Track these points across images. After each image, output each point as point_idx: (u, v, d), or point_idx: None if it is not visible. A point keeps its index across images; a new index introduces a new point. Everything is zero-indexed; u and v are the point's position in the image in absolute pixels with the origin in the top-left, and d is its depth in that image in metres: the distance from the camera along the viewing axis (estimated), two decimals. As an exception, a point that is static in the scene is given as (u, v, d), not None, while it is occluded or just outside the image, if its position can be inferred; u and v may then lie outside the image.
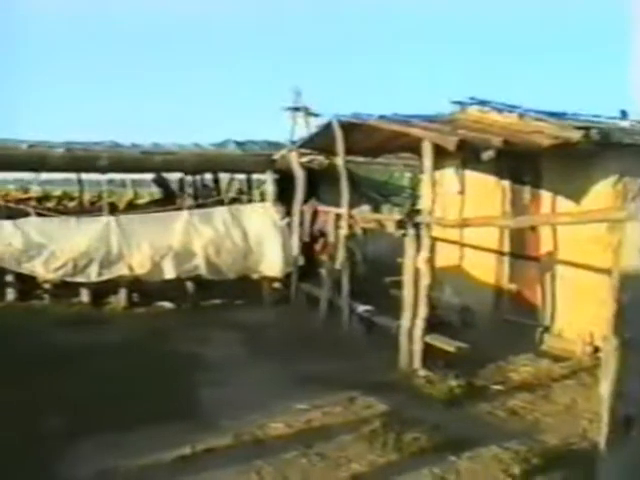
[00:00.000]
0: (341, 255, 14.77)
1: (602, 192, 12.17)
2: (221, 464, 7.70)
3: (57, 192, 35.05)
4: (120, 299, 16.45)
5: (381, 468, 7.66)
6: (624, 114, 14.70)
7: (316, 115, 18.29)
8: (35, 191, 32.58)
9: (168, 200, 22.99)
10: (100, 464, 7.56)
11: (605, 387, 7.13)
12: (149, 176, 25.98)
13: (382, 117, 13.59)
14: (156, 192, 30.18)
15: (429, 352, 11.35)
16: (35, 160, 18.07)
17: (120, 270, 16.14)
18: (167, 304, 16.47)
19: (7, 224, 16.39)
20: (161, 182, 26.33)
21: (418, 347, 11.40)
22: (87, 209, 24.61)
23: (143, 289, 16.69)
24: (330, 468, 7.65)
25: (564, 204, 12.69)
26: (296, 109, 18.21)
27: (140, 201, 30.76)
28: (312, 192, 17.84)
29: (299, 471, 7.54)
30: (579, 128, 11.89)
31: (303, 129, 18.29)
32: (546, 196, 13.29)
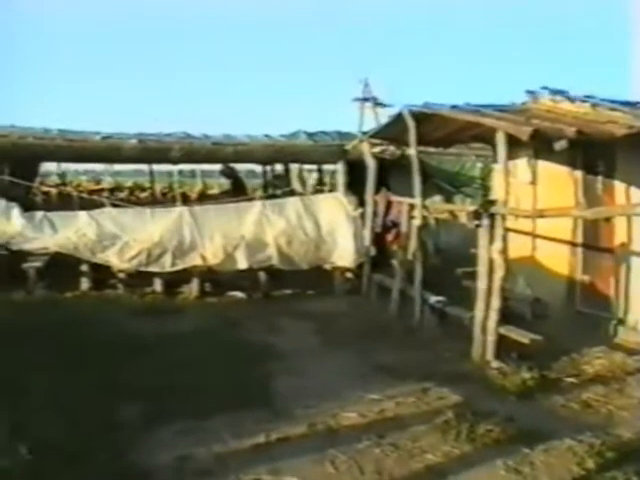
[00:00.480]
0: (413, 246, 14.76)
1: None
2: (295, 453, 7.75)
3: (128, 183, 35.41)
4: (193, 289, 16.56)
5: (455, 459, 7.65)
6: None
7: (385, 105, 18.23)
8: (107, 182, 32.99)
9: (238, 191, 23.07)
10: (177, 451, 7.65)
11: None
12: (218, 167, 26.11)
13: (454, 107, 13.53)
14: (225, 183, 30.33)
15: (502, 344, 11.30)
16: (109, 151, 18.38)
17: (193, 260, 16.31)
18: (239, 294, 16.58)
19: (82, 215, 16.66)
20: (230, 173, 26.45)
21: (491, 338, 11.36)
22: (159, 200, 24.89)
23: (215, 279, 16.81)
24: (403, 458, 7.66)
25: (638, 195, 12.57)
26: (365, 99, 18.17)
27: (211, 192, 30.97)
28: (383, 182, 17.83)
29: (373, 461, 7.56)
30: (654, 118, 11.76)
31: (372, 119, 18.23)
32: (620, 187, 13.16)
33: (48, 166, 27.91)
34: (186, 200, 22.51)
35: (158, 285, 16.62)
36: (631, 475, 7.18)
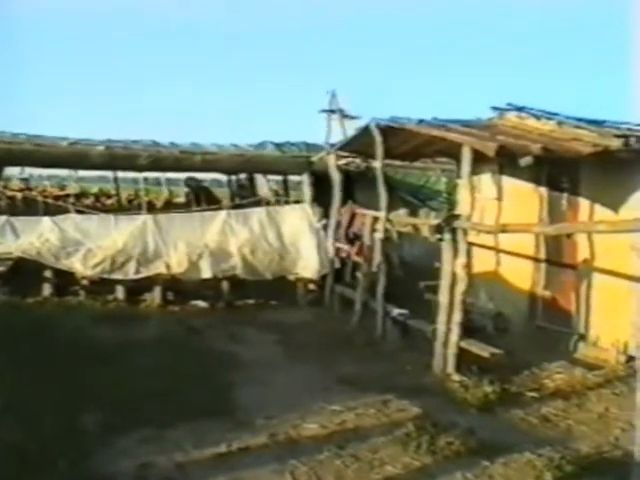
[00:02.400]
0: (377, 258, 14.80)
1: (641, 201, 12.15)
2: (256, 463, 7.75)
3: (94, 189, 35.30)
4: (155, 297, 16.52)
5: (414, 471, 7.68)
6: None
7: (352, 117, 18.29)
8: (73, 188, 32.88)
9: (207, 200, 23.08)
10: (139, 459, 7.63)
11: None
12: (184, 175, 26.11)
13: (421, 121, 13.61)
14: (190, 191, 30.36)
15: (463, 357, 11.38)
16: (76, 157, 18.34)
17: (157, 268, 16.27)
18: (201, 303, 16.54)
19: (46, 220, 16.64)
20: (192, 184, 26.52)
21: (452, 352, 11.42)
22: (125, 207, 24.85)
23: (178, 287, 16.77)
24: (364, 470, 7.68)
25: (602, 212, 12.68)
26: (332, 111, 18.20)
27: (177, 200, 30.94)
28: (348, 195, 17.88)
29: (333, 472, 7.57)
30: (619, 136, 11.87)
31: (339, 131, 18.29)
32: (584, 204, 13.28)
33: (11, 170, 27.79)
34: (152, 208, 22.46)
35: (120, 293, 16.54)
36: (589, 488, 7.26)
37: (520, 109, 14.46)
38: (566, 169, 13.34)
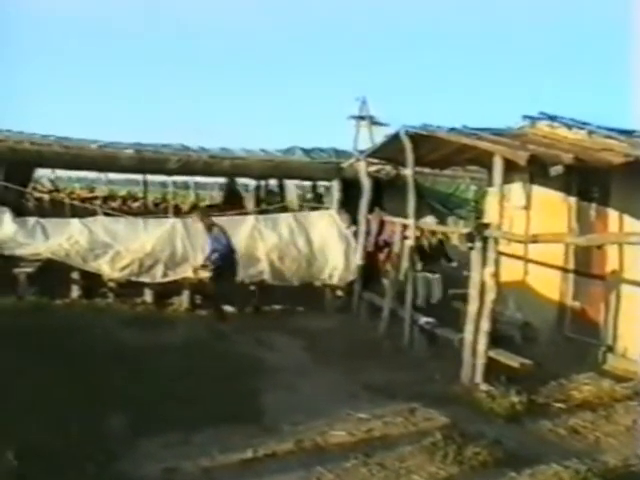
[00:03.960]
0: (406, 266, 14.77)
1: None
2: (282, 469, 7.77)
3: (122, 192, 35.40)
4: (183, 300, 16.54)
5: (441, 481, 7.66)
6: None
7: (381, 124, 18.29)
8: (101, 190, 32.99)
9: (235, 204, 23.07)
10: (164, 463, 7.65)
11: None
12: (211, 179, 26.13)
13: (452, 130, 13.58)
14: (218, 195, 30.40)
15: (491, 367, 11.33)
16: (106, 160, 18.40)
17: (185, 272, 16.26)
18: (229, 307, 16.53)
19: (74, 222, 16.66)
20: (231, 187, 26.56)
21: (481, 361, 11.37)
22: (151, 210, 24.90)
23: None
24: (390, 478, 7.69)
25: (631, 223, 12.61)
26: (361, 118, 18.21)
27: (203, 204, 31.01)
28: (376, 202, 17.86)
29: (359, 480, 7.55)
30: (650, 147, 11.82)
31: (367, 138, 18.29)
32: (613, 214, 13.21)
33: (41, 171, 27.95)
34: (178, 212, 22.51)
35: (148, 296, 16.57)
36: (615, 501, 7.22)
37: (552, 118, 14.42)
38: (596, 179, 13.28)
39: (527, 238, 12.84)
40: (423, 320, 13.80)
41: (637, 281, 12.44)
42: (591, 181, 13.50)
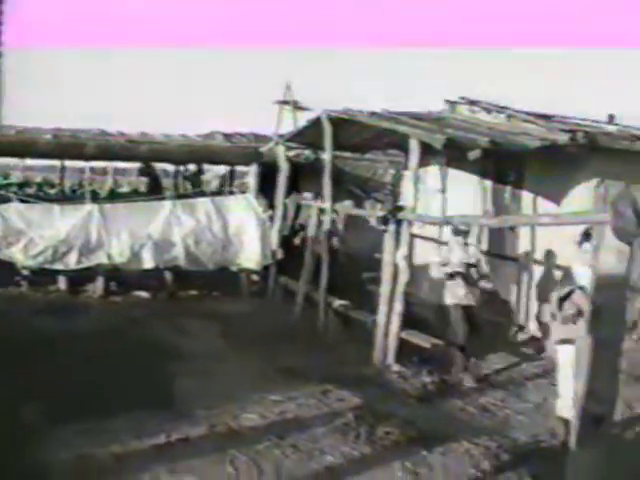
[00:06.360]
0: (321, 249, 14.81)
1: (584, 195, 12.29)
2: (195, 453, 7.73)
3: (37, 179, 34.93)
4: (97, 287, 16.37)
5: (354, 461, 7.70)
6: (611, 118, 14.86)
7: (305, 109, 18.30)
8: (16, 177, 32.52)
9: (154, 190, 22.87)
10: (78, 451, 7.56)
11: (578, 386, 7.24)
12: (130, 165, 25.91)
13: (372, 114, 13.65)
14: (136, 181, 30.14)
15: (404, 348, 11.45)
16: (23, 146, 18.13)
17: (99, 258, 16.05)
18: (144, 293, 16.46)
19: (-14, 209, 16.32)
20: (147, 172, 26.28)
21: (393, 342, 11.49)
22: (68, 197, 24.58)
23: (120, 278, 16.66)
24: (303, 459, 7.69)
25: (545, 205, 12.80)
26: (285, 102, 18.18)
27: (121, 190, 30.71)
28: (295, 186, 17.87)
29: (272, 462, 7.56)
30: (566, 131, 12.00)
31: (291, 123, 18.29)
32: (527, 197, 13.41)
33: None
34: (95, 198, 22.25)
35: (62, 283, 16.38)
36: (525, 477, 7.38)
37: (472, 102, 14.58)
38: (512, 162, 13.47)
39: (440, 220, 12.94)
40: (337, 303, 13.86)
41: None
42: (507, 164, 13.71)
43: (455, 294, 11.19)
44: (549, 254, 12.66)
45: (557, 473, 7.24)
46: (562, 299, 8.57)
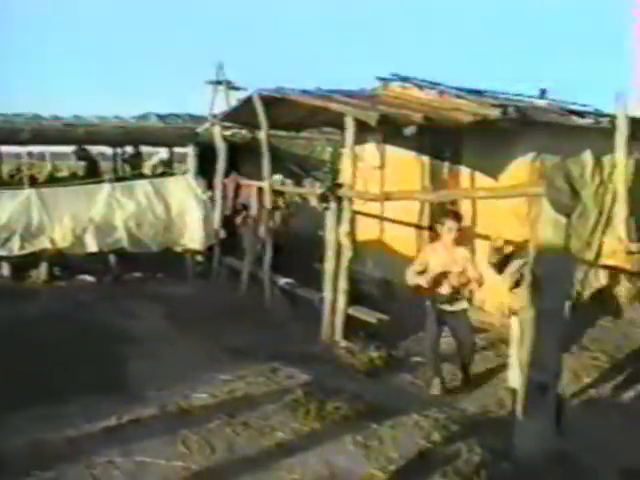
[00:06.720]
0: (263, 228, 14.88)
1: (520, 168, 12.48)
2: (147, 434, 7.74)
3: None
4: (41, 273, 16.26)
5: (304, 436, 7.76)
6: (543, 93, 15.06)
7: (238, 88, 18.25)
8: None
9: (92, 174, 22.75)
10: (30, 437, 7.54)
11: (521, 356, 7.41)
12: (68, 149, 25.70)
13: (304, 92, 13.69)
14: (75, 165, 29.86)
15: (351, 324, 11.57)
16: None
17: (42, 243, 15.92)
18: (89, 277, 16.38)
19: None
20: (84, 155, 26.09)
21: (340, 319, 11.61)
22: (6, 182, 24.31)
23: (64, 263, 16.57)
24: (254, 436, 7.73)
25: (483, 180, 12.97)
26: (218, 82, 18.12)
27: (60, 174, 30.42)
28: (234, 166, 17.88)
29: (224, 440, 7.61)
30: (497, 106, 12.16)
31: (225, 103, 18.23)
32: (465, 172, 13.57)
33: None
34: (34, 183, 22.05)
35: (5, 269, 16.24)
36: (475, 446, 7.48)
37: (404, 79, 14.68)
38: (449, 138, 13.61)
39: (380, 196, 13.06)
40: (283, 281, 13.94)
41: (489, 236, 12.81)
42: (444, 141, 13.83)
43: None
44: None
45: (506, 441, 7.43)
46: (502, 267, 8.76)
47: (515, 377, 7.98)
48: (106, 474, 6.87)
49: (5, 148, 25.63)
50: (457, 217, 10.00)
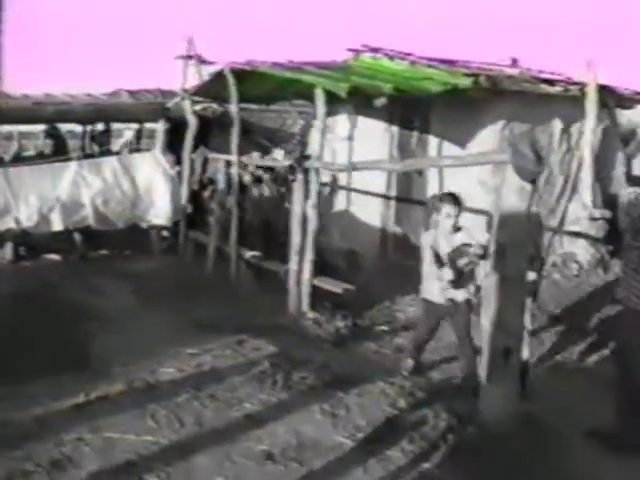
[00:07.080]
0: (229, 202, 14.85)
1: (489, 137, 12.51)
2: (115, 410, 7.72)
3: None
4: (6, 253, 16.14)
5: (272, 407, 7.80)
6: (514, 62, 15.08)
7: (209, 63, 18.14)
8: None
9: (61, 152, 22.53)
10: (-2, 416, 7.54)
11: (485, 321, 7.46)
12: (38, 128, 25.49)
13: (275, 64, 13.64)
14: (42, 144, 29.66)
15: (317, 295, 11.60)
16: None
17: (7, 224, 15.69)
18: (54, 256, 16.29)
19: None
20: (54, 134, 25.88)
21: (306, 290, 11.65)
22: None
23: (30, 242, 16.45)
24: (222, 409, 7.75)
25: (451, 149, 12.99)
26: (189, 57, 17.99)
27: (27, 154, 30.19)
28: (203, 140, 17.81)
29: (192, 413, 7.62)
30: (469, 75, 12.16)
31: (195, 77, 18.13)
32: (433, 141, 13.61)
33: None
34: (0, 163, 21.87)
35: (-30, 251, 16.09)
36: (441, 412, 7.55)
37: (374, 50, 14.66)
38: (418, 109, 13.63)
39: (345, 167, 13.03)
40: (249, 254, 13.94)
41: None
42: (413, 111, 13.85)
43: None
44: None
45: (471, 406, 7.49)
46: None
47: (480, 342, 8.02)
48: (76, 451, 6.84)
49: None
50: (456, 201, 8.95)
